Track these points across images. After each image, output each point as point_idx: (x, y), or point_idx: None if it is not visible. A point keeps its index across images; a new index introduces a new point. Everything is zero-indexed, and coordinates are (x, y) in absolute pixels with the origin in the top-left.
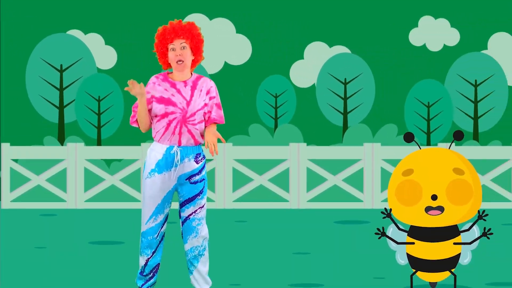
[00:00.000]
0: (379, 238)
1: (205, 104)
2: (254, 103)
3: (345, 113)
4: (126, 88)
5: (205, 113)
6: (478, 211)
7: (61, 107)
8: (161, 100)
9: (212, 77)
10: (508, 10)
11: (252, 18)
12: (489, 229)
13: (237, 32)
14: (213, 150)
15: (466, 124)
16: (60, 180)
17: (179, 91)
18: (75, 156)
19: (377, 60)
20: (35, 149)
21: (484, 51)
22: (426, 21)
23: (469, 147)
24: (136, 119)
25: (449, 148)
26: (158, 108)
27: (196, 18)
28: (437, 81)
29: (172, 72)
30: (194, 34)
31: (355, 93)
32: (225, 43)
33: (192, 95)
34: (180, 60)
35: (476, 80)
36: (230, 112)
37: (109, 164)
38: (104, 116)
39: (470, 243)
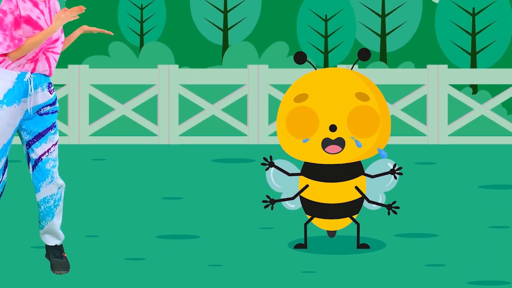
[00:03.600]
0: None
1: (62, 31)
2: (115, 16)
3: (225, 29)
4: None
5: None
6: (394, 167)
7: None
8: (29, 21)
9: None
10: None
11: None
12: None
13: None
14: (105, 30)
15: (371, 43)
16: None
17: (42, 13)
18: None
19: None
20: None
21: None
22: None
23: (376, 69)
24: (19, 48)
25: (351, 69)
26: (26, 30)
27: None
28: None
29: None
30: None
31: (237, 5)
32: None
33: (51, 20)
34: None
35: None
36: None
37: None
38: None
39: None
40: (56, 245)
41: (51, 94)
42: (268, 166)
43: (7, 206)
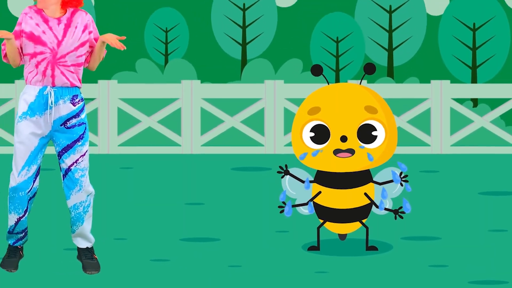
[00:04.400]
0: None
1: (81, 45)
2: (142, 38)
3: (243, 45)
4: None
5: (84, 54)
6: (400, 174)
7: None
8: (31, 37)
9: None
10: None
11: None
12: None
13: None
14: (119, 44)
15: (380, 58)
16: None
17: (51, 29)
18: None
19: None
20: None
21: None
22: None
23: (383, 84)
24: (6, 55)
25: (360, 84)
26: (27, 46)
27: None
28: (346, 14)
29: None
30: None
31: (254, 20)
32: None
33: (64, 35)
34: None
35: (390, 6)
36: (114, 47)
37: None
38: None
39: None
40: (87, 247)
41: (75, 106)
42: (283, 174)
43: (43, 211)
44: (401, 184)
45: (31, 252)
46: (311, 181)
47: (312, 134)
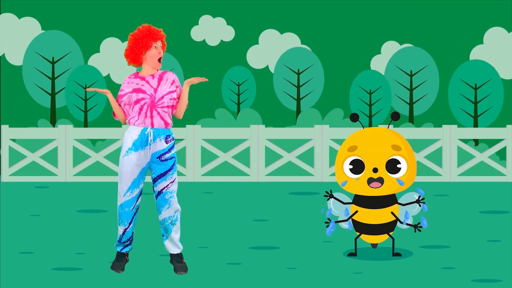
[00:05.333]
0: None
1: (171, 91)
2: (220, 90)
3: (298, 99)
4: (88, 89)
5: (173, 98)
6: (418, 198)
7: (52, 94)
8: (133, 90)
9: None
10: (276, 10)
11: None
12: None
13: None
14: (199, 80)
15: (402, 109)
16: (52, 157)
17: (147, 82)
18: (65, 136)
19: (325, 53)
20: (30, 130)
21: (256, 46)
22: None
23: (406, 128)
24: (114, 113)
25: (388, 128)
26: (132, 97)
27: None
28: (377, 71)
29: (140, 71)
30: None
31: (306, 82)
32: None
33: (158, 84)
34: (160, 58)
35: (411, 71)
36: (198, 99)
37: (94, 143)
38: (90, 102)
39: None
40: (177, 253)
41: (167, 144)
42: (329, 197)
43: (143, 225)
44: (419, 205)
45: (135, 257)
46: (349, 203)
47: (351, 166)
